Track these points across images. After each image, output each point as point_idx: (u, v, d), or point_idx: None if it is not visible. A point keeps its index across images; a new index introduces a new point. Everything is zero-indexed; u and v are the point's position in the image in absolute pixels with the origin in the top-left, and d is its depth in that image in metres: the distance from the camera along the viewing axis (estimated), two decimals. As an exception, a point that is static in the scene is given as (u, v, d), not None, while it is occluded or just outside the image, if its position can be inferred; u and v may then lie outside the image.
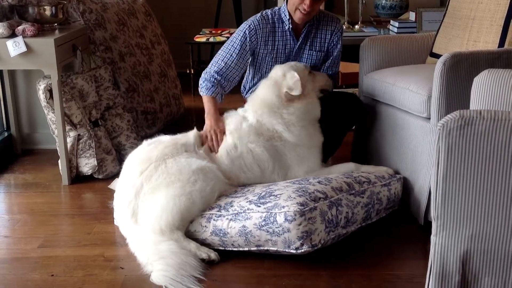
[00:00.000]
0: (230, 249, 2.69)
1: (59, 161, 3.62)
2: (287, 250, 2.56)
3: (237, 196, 2.77)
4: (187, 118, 4.93)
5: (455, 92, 2.79)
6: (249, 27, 3.23)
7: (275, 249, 2.59)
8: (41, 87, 3.53)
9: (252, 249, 2.65)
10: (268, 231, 2.56)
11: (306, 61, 3.33)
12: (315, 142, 3.09)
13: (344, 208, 2.67)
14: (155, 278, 2.47)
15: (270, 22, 3.26)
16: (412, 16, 4.99)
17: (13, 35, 3.46)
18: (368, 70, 3.48)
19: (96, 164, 3.63)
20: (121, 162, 3.12)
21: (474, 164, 1.85)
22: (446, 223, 1.93)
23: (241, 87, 3.54)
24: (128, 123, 3.88)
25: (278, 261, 2.64)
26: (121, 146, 3.83)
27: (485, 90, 2.12)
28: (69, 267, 2.65)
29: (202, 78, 3.26)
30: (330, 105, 3.17)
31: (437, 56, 3.25)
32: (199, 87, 3.26)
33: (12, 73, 4.07)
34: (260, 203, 2.63)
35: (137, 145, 3.11)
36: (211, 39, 5.60)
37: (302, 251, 2.53)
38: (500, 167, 1.83)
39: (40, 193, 3.50)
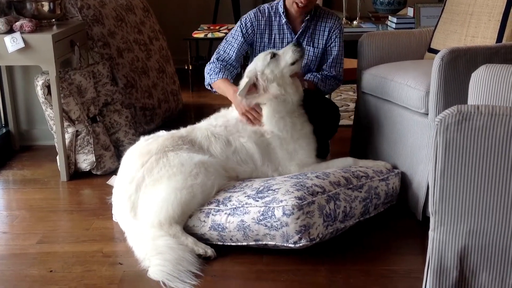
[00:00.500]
0: (229, 244, 2.69)
1: (57, 157, 3.61)
2: (285, 245, 2.56)
3: (236, 191, 2.77)
4: (185, 114, 4.93)
5: (453, 88, 2.79)
6: (245, 20, 3.30)
7: (274, 243, 2.59)
8: (39, 83, 3.52)
9: (250, 243, 2.65)
10: (266, 226, 2.56)
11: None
12: (302, 133, 3.05)
13: (342, 202, 2.67)
14: (152, 273, 2.48)
15: (266, 15, 3.29)
16: (410, 11, 4.98)
17: (11, 31, 3.45)
18: (366, 66, 3.48)
19: (94, 160, 3.63)
20: (120, 158, 3.12)
21: (472, 159, 1.85)
22: (444, 218, 1.93)
23: None
24: (126, 119, 3.88)
25: (276, 257, 2.64)
26: (119, 142, 3.83)
27: (483, 85, 2.12)
28: (68, 263, 2.65)
29: (207, 69, 3.30)
30: (310, 113, 3.14)
31: (435, 51, 3.25)
32: (206, 80, 3.29)
33: (10, 69, 4.06)
34: (258, 198, 2.64)
35: (135, 141, 3.11)
36: (209, 35, 5.59)
37: (300, 245, 2.53)
38: (498, 162, 1.83)
39: (38, 189, 3.50)
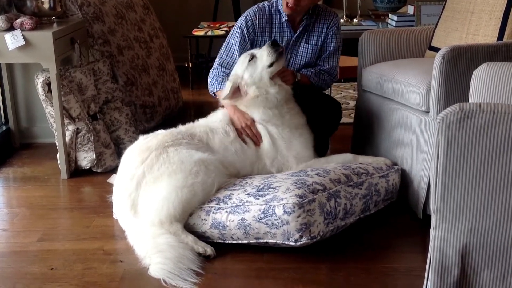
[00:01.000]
0: (229, 242, 2.69)
1: (58, 155, 3.61)
2: (286, 243, 2.56)
3: (236, 189, 2.77)
4: (185, 111, 4.93)
5: (454, 86, 2.79)
6: (245, 18, 3.28)
7: (274, 241, 2.59)
8: (39, 80, 3.52)
9: (251, 241, 2.65)
10: (267, 224, 2.56)
11: (301, 55, 3.34)
12: (292, 123, 3.07)
13: (342, 199, 2.67)
14: (153, 271, 2.48)
15: (266, 13, 3.28)
16: (410, 9, 4.98)
17: (11, 28, 3.45)
18: (367, 64, 3.48)
19: (94, 158, 3.62)
20: (120, 156, 3.11)
21: (474, 157, 1.85)
22: (445, 216, 1.93)
23: None
24: (126, 117, 3.87)
25: (277, 255, 2.64)
26: (119, 140, 3.82)
27: (484, 83, 2.11)
28: (68, 260, 2.65)
29: (210, 76, 3.30)
30: (311, 110, 3.16)
31: (436, 49, 3.25)
32: (210, 87, 3.29)
33: (10, 67, 4.06)
34: (259, 196, 2.63)
35: (135, 139, 3.11)
36: (209, 33, 5.59)
37: (301, 243, 2.53)
38: (500, 159, 1.83)
39: (38, 187, 3.50)
